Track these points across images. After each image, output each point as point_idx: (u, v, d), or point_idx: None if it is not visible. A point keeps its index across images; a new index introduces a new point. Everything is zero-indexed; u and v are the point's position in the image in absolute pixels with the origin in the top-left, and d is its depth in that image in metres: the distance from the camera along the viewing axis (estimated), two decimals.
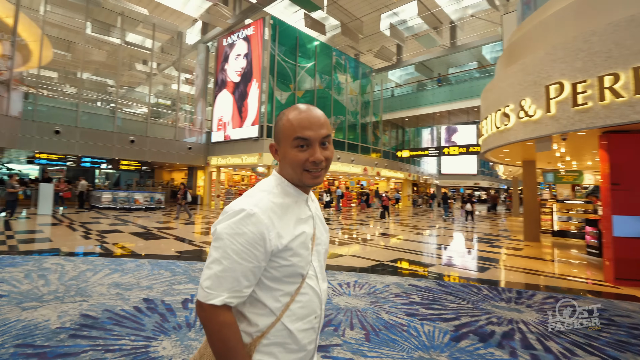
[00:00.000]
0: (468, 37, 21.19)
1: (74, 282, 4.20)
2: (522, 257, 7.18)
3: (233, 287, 0.81)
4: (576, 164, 11.01)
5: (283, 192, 0.92)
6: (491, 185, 41.68)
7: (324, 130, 0.88)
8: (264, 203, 0.86)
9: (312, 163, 0.87)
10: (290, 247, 0.86)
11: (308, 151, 0.88)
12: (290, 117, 0.89)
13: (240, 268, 0.80)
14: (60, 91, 20.07)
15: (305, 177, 0.89)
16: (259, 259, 0.82)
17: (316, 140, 0.88)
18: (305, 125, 0.87)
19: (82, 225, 9.19)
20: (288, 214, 0.89)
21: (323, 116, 0.91)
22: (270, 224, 0.83)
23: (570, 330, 3.30)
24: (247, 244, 0.80)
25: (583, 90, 5.05)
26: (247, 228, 0.81)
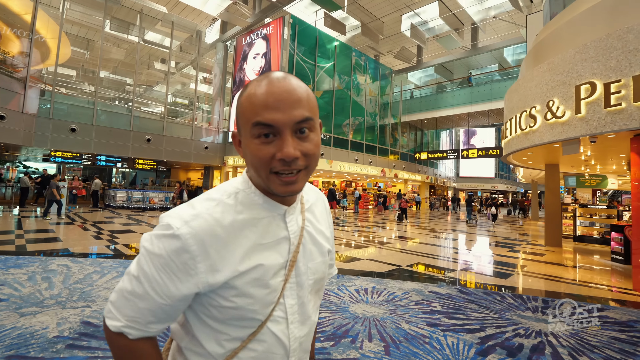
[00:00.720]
0: (490, 39, 20.69)
1: (78, 285, 4.05)
2: (544, 262, 6.91)
3: (134, 318, 0.60)
4: (600, 167, 10.58)
5: (242, 204, 0.65)
6: (509, 188, 40.70)
7: (299, 110, 0.58)
8: (202, 220, 0.60)
9: (280, 161, 0.58)
10: (232, 285, 0.60)
11: (275, 143, 0.58)
12: (251, 91, 0.60)
13: (148, 300, 0.59)
14: (78, 89, 20.62)
15: (273, 183, 0.60)
16: (174, 297, 0.59)
17: (286, 127, 0.58)
18: (269, 103, 0.57)
19: (95, 225, 9.21)
20: (239, 239, 0.62)
21: (301, 88, 0.60)
22: (200, 254, 0.58)
23: (603, 344, 3.09)
24: (163, 271, 0.58)
25: (617, 90, 4.78)
26: (166, 251, 0.58)
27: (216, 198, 0.65)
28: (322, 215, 0.81)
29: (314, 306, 0.74)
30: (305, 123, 0.60)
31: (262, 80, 0.60)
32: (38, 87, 13.27)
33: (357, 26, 18.57)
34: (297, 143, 0.59)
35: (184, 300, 0.61)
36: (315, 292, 0.75)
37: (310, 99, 0.62)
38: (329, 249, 0.78)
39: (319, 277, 0.74)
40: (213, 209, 0.62)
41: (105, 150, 14.77)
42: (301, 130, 0.60)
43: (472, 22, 18.47)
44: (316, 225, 0.76)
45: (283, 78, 0.60)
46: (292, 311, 0.68)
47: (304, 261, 0.70)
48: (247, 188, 0.67)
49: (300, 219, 0.71)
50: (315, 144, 0.62)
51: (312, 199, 0.79)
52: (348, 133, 19.21)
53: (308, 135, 0.61)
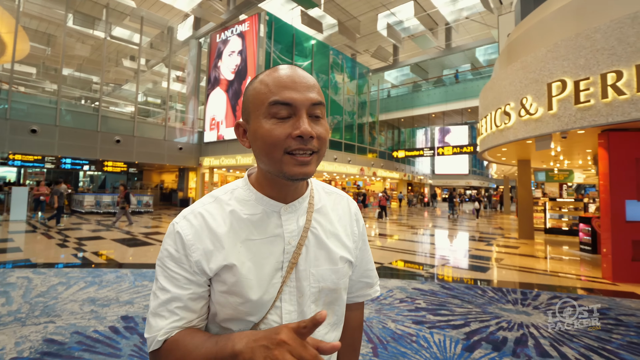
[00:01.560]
0: (462, 39, 21.28)
1: (41, 299, 3.71)
2: (520, 255, 7.15)
3: (170, 318, 0.61)
4: (568, 162, 11.09)
5: (237, 200, 0.67)
6: (482, 184, 42.18)
7: (313, 93, 0.60)
8: (197, 214, 0.65)
9: (297, 140, 0.58)
10: (223, 279, 0.62)
11: (291, 123, 0.58)
12: (264, 78, 0.62)
13: (176, 297, 0.61)
14: (39, 87, 19.36)
15: (287, 164, 0.59)
16: (192, 283, 0.62)
17: (303, 106, 0.59)
18: (287, 84, 0.59)
19: (60, 232, 8.62)
20: (230, 232, 0.63)
21: (311, 78, 0.63)
22: (195, 242, 0.62)
23: (582, 333, 3.18)
24: (175, 265, 0.62)
25: (585, 88, 4.97)
26: (173, 245, 0.63)
27: (214, 195, 0.69)
28: (342, 221, 0.75)
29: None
30: (318, 107, 0.61)
31: (274, 69, 0.63)
32: None
33: (334, 24, 18.56)
34: (312, 125, 0.60)
35: (200, 285, 0.62)
36: (325, 304, 0.69)
37: (320, 89, 0.64)
38: (347, 259, 0.72)
39: (326, 286, 0.68)
40: (209, 205, 0.66)
41: (71, 152, 13.91)
42: (315, 115, 0.61)
43: (445, 22, 18.91)
44: (327, 229, 0.71)
45: (295, 67, 0.63)
46: (289, 318, 0.64)
47: (305, 265, 0.66)
48: (244, 186, 0.69)
49: (302, 219, 0.68)
50: (326, 130, 0.63)
51: (327, 201, 0.75)
52: None
53: (320, 120, 0.62)
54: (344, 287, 0.72)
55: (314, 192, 0.73)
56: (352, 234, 0.76)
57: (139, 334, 2.94)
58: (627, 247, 5.08)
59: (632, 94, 4.56)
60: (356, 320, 0.86)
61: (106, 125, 14.87)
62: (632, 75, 4.55)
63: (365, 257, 0.82)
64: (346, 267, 0.71)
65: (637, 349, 2.88)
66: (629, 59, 4.59)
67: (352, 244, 0.74)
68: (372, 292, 0.85)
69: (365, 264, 0.82)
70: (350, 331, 0.84)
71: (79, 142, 13.98)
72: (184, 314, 0.60)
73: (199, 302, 0.62)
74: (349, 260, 0.73)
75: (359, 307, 0.87)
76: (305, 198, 0.70)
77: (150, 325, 0.60)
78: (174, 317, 0.59)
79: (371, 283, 0.84)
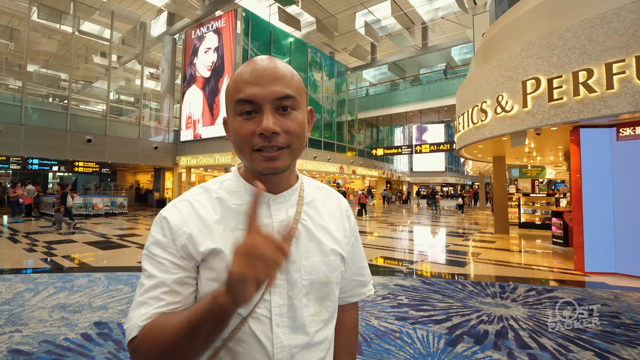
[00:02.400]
0: (438, 39, 21.69)
1: (6, 307, 3.50)
2: (496, 249, 7.33)
3: (153, 304, 0.57)
4: (540, 159, 11.51)
5: (226, 190, 0.67)
6: (458, 181, 43.39)
7: (278, 86, 0.58)
8: (186, 202, 0.64)
9: (261, 137, 0.58)
10: (210, 265, 0.60)
11: (256, 119, 0.59)
12: (236, 72, 0.62)
13: (162, 282, 0.58)
14: (2, 85, 18.24)
15: (255, 160, 0.60)
16: (179, 268, 0.59)
17: (266, 101, 0.58)
18: (250, 79, 0.59)
19: (27, 236, 8.13)
20: (218, 221, 0.62)
21: (284, 68, 0.61)
22: (182, 226, 0.61)
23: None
24: (163, 251, 0.60)
25: (558, 86, 5.12)
26: (161, 232, 0.61)
27: (204, 186, 0.68)
28: (332, 215, 0.74)
29: (314, 315, 0.66)
30: (286, 100, 0.59)
31: (249, 62, 0.62)
32: None
33: (312, 22, 18.45)
34: (278, 119, 0.59)
35: (187, 270, 0.60)
36: (317, 299, 0.67)
37: (295, 79, 0.62)
38: (338, 252, 0.71)
39: (317, 279, 0.66)
40: (198, 195, 0.66)
41: (38, 152, 13.17)
42: (283, 107, 0.59)
43: (422, 21, 19.21)
44: (317, 222, 0.70)
45: (267, 58, 0.62)
46: (279, 312, 0.62)
47: (296, 257, 0.65)
48: (234, 177, 0.69)
49: (292, 211, 0.67)
50: (298, 123, 0.61)
51: (318, 195, 0.74)
52: None
53: (290, 113, 0.60)
54: (336, 282, 0.70)
55: (304, 185, 0.73)
56: (344, 229, 0.75)
57: (114, 340, 2.80)
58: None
59: (602, 92, 4.74)
60: (351, 322, 0.84)
61: (76, 124, 14.14)
62: (601, 73, 4.72)
63: (358, 254, 0.81)
64: (337, 260, 0.70)
65: (611, 337, 2.98)
66: (599, 57, 4.76)
67: (343, 238, 0.73)
68: (366, 290, 0.84)
69: (358, 261, 0.81)
70: (346, 333, 0.82)
71: (47, 141, 13.24)
72: (170, 299, 0.57)
73: (187, 288, 0.59)
74: (340, 253, 0.71)
75: (353, 307, 0.85)
76: (294, 190, 0.69)
77: (131, 316, 0.56)
78: (159, 303, 0.56)
79: (365, 282, 0.83)
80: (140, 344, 0.53)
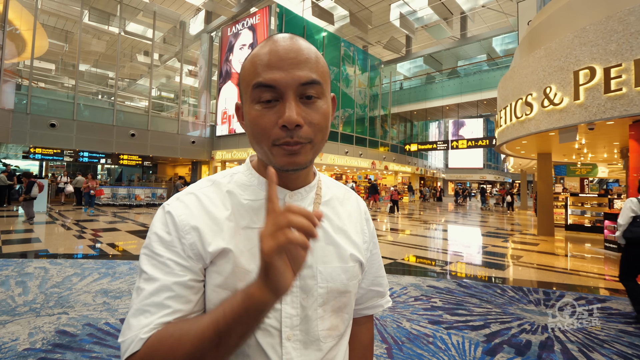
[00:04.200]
0: (478, 29, 20.59)
1: (56, 289, 3.74)
2: (540, 252, 6.86)
3: (154, 313, 0.49)
4: (591, 156, 10.62)
5: (237, 184, 0.60)
6: (497, 178, 41.23)
7: (304, 71, 0.51)
8: (193, 197, 0.57)
9: (282, 130, 0.50)
10: (218, 268, 0.53)
11: (277, 109, 0.51)
12: (254, 52, 0.54)
13: (163, 286, 0.50)
14: (58, 83, 19.75)
15: (276, 155, 0.52)
16: (184, 269, 0.52)
17: (289, 88, 0.50)
18: (271, 62, 0.50)
19: (77, 224, 8.77)
20: (229, 217, 0.56)
21: (309, 50, 0.53)
22: (189, 221, 0.54)
23: (613, 338, 2.96)
24: (165, 249, 0.52)
25: (617, 75, 4.65)
26: (163, 228, 0.54)
27: (212, 179, 0.62)
28: (351, 217, 0.67)
29: (329, 329, 0.58)
30: (311, 87, 0.51)
31: (267, 41, 0.54)
32: (14, 82, 12.60)
33: (345, 16, 18.21)
34: (302, 109, 0.51)
35: (195, 273, 0.53)
36: (334, 310, 0.59)
37: (320, 62, 0.54)
38: (357, 258, 0.63)
39: (335, 287, 0.59)
40: (207, 188, 0.59)
41: (88, 146, 14.22)
42: (307, 95, 0.51)
43: (461, 11, 18.30)
44: (336, 223, 0.63)
45: (290, 38, 0.53)
46: (290, 324, 0.54)
47: (312, 261, 0.57)
48: (246, 170, 0.62)
49: (309, 210, 0.54)
50: (322, 114, 0.53)
51: (336, 194, 0.67)
52: (338, 125, 18.95)
53: (315, 102, 0.52)
54: (354, 292, 0.63)
55: (321, 183, 0.66)
56: (362, 233, 0.68)
57: None
58: None
59: None
60: (367, 336, 0.76)
61: (121, 120, 15.09)
62: None
63: (376, 261, 0.73)
64: (357, 267, 0.63)
65: None
66: None
67: (362, 243, 0.66)
68: (383, 302, 0.75)
69: (375, 269, 0.73)
70: (362, 350, 0.74)
71: (96, 135, 14.28)
72: (178, 306, 0.49)
73: (196, 293, 0.52)
74: (360, 260, 0.64)
75: (369, 320, 0.77)
76: (312, 188, 0.62)
77: (128, 326, 0.47)
78: (164, 311, 0.48)
79: (382, 292, 0.75)
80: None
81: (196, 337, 0.43)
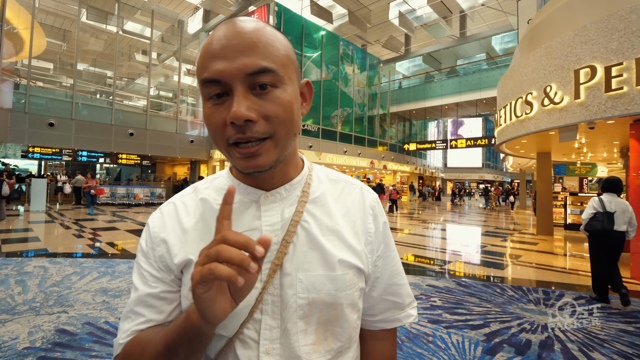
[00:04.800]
0: (478, 27, 20.57)
1: (55, 288, 3.74)
2: (539, 252, 6.85)
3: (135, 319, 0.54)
4: (591, 155, 10.62)
5: (214, 189, 0.58)
6: (496, 178, 41.28)
7: (252, 58, 0.44)
8: (171, 205, 0.58)
9: (232, 127, 0.45)
10: (185, 279, 0.53)
11: (227, 104, 0.46)
12: (204, 43, 0.50)
13: (144, 296, 0.53)
14: (56, 82, 19.67)
15: (233, 157, 0.48)
16: (159, 281, 0.53)
17: (235, 79, 0.44)
18: (215, 52, 0.45)
19: (76, 223, 8.74)
20: (199, 224, 0.54)
21: (260, 31, 0.46)
22: (160, 232, 0.55)
23: (613, 338, 2.95)
24: (145, 261, 0.55)
25: (618, 74, 4.63)
26: (144, 240, 0.56)
27: (195, 185, 0.61)
28: (350, 216, 0.58)
29: (314, 344, 0.52)
30: (263, 75, 0.45)
31: (217, 28, 0.48)
32: (12, 81, 12.53)
33: (344, 14, 18.15)
34: (254, 101, 0.45)
35: (167, 284, 0.53)
36: (320, 324, 0.52)
37: (275, 45, 0.47)
38: (352, 265, 0.55)
39: (319, 298, 0.52)
40: (187, 196, 0.59)
41: (86, 145, 14.15)
42: (261, 85, 0.45)
43: (460, 10, 18.28)
44: (324, 223, 0.55)
45: (241, 21, 0.47)
46: (270, 336, 0.50)
47: (291, 269, 0.52)
48: (226, 174, 0.60)
49: (290, 211, 0.54)
50: (281, 104, 0.46)
51: (331, 190, 0.60)
52: (336, 124, 18.92)
53: (270, 92, 0.46)
54: (350, 303, 0.54)
55: (311, 178, 0.59)
56: (365, 233, 0.58)
57: None
58: None
59: None
60: (383, 355, 0.64)
61: (120, 119, 15.03)
62: None
63: (390, 266, 0.61)
64: (350, 274, 0.54)
65: None
66: None
67: (362, 245, 0.57)
68: (402, 316, 0.63)
69: (389, 275, 0.61)
70: None
71: (94, 135, 14.21)
72: (151, 315, 0.52)
73: (169, 304, 0.53)
74: (355, 266, 0.55)
75: (387, 336, 0.65)
76: (295, 185, 0.57)
77: (118, 329, 0.54)
78: (139, 319, 0.52)
79: (401, 304, 0.63)
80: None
81: (153, 350, 0.47)
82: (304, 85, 0.55)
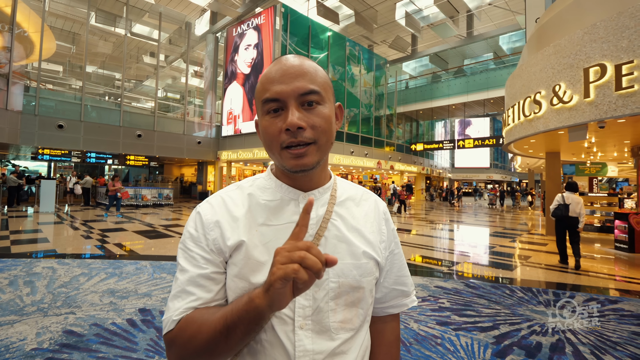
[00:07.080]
0: (485, 27, 20.41)
1: (63, 289, 3.76)
2: (548, 252, 6.76)
3: (188, 299, 0.60)
4: (601, 155, 10.45)
5: (257, 187, 0.69)
6: (504, 178, 40.85)
7: (302, 82, 0.59)
8: (218, 198, 0.67)
9: (287, 133, 0.58)
10: (235, 260, 0.61)
11: (282, 116, 0.59)
12: (263, 73, 0.64)
13: (194, 277, 0.60)
14: (66, 85, 19.98)
15: (284, 158, 0.60)
16: (209, 262, 0.61)
17: (290, 98, 0.58)
18: (275, 78, 0.60)
19: (85, 224, 8.86)
20: (247, 215, 0.64)
21: (309, 65, 0.62)
22: (213, 220, 0.63)
23: (626, 341, 2.90)
24: (195, 245, 0.63)
25: (629, 72, 4.55)
26: (194, 226, 0.64)
27: (238, 184, 0.71)
28: (368, 217, 0.71)
29: (342, 322, 0.63)
30: (311, 95, 0.59)
31: (274, 62, 0.63)
32: (22, 83, 12.75)
33: (350, 15, 18.16)
34: (304, 114, 0.59)
35: (217, 266, 0.62)
36: (347, 305, 0.64)
37: (319, 74, 0.62)
38: (371, 256, 0.68)
39: (347, 282, 0.64)
40: (232, 192, 0.69)
41: (95, 146, 14.34)
42: (308, 102, 0.60)
43: (467, 9, 18.16)
44: (349, 222, 0.68)
45: (292, 57, 0.63)
46: (303, 314, 0.60)
47: None
48: (266, 175, 0.70)
49: (322, 210, 0.66)
50: (323, 117, 0.61)
51: (351, 195, 0.73)
52: (343, 125, 18.90)
53: (315, 108, 0.60)
54: (369, 288, 0.67)
55: (337, 185, 0.72)
56: (380, 233, 0.72)
57: (156, 327, 2.90)
58: None
59: None
60: (392, 333, 0.79)
61: (128, 121, 15.20)
62: None
63: (398, 261, 0.76)
64: (370, 264, 0.67)
65: None
66: None
67: (379, 242, 0.70)
68: (408, 302, 0.79)
69: (398, 268, 0.76)
70: (387, 346, 0.77)
71: (103, 136, 14.39)
72: (201, 294, 0.59)
73: (217, 284, 0.61)
74: (374, 258, 0.68)
75: (394, 318, 0.80)
76: (326, 189, 0.69)
77: (167, 308, 0.60)
78: (191, 297, 0.59)
79: (407, 292, 0.78)
80: (176, 338, 0.56)
81: (211, 327, 0.53)
82: (337, 107, 0.68)
